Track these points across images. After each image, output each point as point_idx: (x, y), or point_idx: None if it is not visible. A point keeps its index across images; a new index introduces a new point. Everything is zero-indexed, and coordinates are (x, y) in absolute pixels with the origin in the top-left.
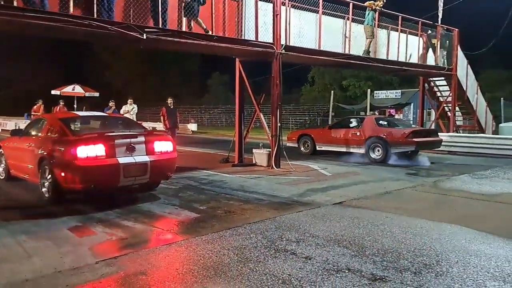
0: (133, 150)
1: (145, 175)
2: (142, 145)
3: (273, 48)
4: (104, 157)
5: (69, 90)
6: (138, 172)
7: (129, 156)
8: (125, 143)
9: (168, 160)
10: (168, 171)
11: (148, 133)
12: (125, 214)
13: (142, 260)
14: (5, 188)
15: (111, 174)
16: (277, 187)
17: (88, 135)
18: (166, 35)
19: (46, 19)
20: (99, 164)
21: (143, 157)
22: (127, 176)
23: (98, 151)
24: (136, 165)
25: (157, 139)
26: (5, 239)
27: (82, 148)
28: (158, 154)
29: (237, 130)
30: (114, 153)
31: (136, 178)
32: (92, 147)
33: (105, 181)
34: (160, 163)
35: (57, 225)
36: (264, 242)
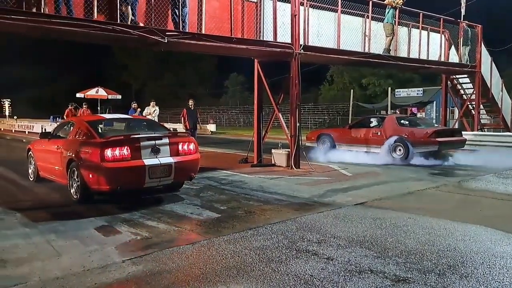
0: (158, 152)
1: (170, 176)
2: (166, 146)
3: (292, 48)
4: (130, 158)
5: (93, 93)
6: (163, 173)
7: (154, 158)
8: (150, 145)
9: (192, 161)
10: (192, 172)
11: (172, 135)
12: (149, 214)
13: (166, 259)
14: (34, 189)
15: (137, 176)
16: (297, 188)
17: (115, 138)
18: (186, 38)
19: (72, 25)
20: (126, 165)
21: (168, 158)
22: (152, 177)
23: (125, 153)
24: (161, 167)
25: (180, 140)
26: (35, 238)
27: (109, 150)
28: (182, 155)
29: (256, 130)
30: (140, 155)
31: (161, 179)
32: (118, 149)
33: (131, 182)
34: (184, 164)
35: (84, 224)
36: (286, 243)
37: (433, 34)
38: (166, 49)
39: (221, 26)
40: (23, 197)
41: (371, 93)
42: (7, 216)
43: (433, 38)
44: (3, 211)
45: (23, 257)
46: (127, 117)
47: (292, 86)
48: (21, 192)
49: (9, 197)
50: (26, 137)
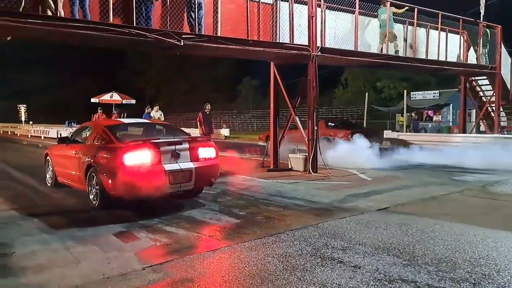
0: (178, 157)
1: (190, 181)
2: (186, 151)
3: (309, 51)
4: (150, 164)
5: (108, 97)
6: (183, 178)
7: (174, 163)
8: (170, 149)
9: (212, 166)
10: (212, 177)
11: (192, 140)
12: (167, 220)
13: (187, 267)
14: (52, 194)
15: (158, 181)
16: (316, 193)
17: (135, 142)
18: (203, 40)
19: (87, 28)
20: (146, 171)
21: (188, 163)
22: (173, 183)
23: (145, 158)
24: (181, 172)
25: (200, 145)
26: (54, 245)
27: (129, 155)
28: (202, 160)
29: (272, 135)
30: (160, 160)
31: (181, 184)
32: (138, 154)
33: (151, 188)
34: (204, 170)
35: (102, 230)
36: (309, 250)
37: (452, 35)
38: (182, 53)
39: (236, 29)
40: (41, 203)
41: (386, 96)
42: (25, 222)
43: (451, 39)
44: (21, 217)
45: (42, 264)
46: (145, 122)
47: (309, 89)
48: (39, 197)
49: (27, 202)
50: (42, 142)
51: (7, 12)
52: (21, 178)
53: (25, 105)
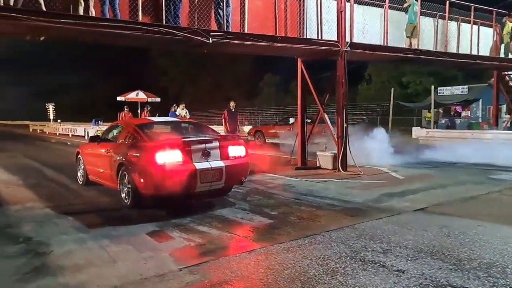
0: (208, 155)
1: (221, 180)
2: (216, 150)
3: (338, 46)
4: (181, 162)
5: (133, 96)
6: (214, 177)
7: (205, 162)
8: (200, 148)
9: (242, 164)
10: (242, 176)
11: (222, 138)
12: (199, 219)
13: (224, 269)
14: (84, 192)
15: (189, 180)
16: (348, 192)
17: (166, 141)
18: (231, 38)
19: (118, 27)
20: (177, 169)
21: (218, 162)
22: (204, 181)
23: (176, 157)
24: (212, 171)
25: (230, 143)
26: (90, 243)
27: (160, 154)
28: (232, 159)
29: (300, 132)
30: (191, 158)
31: (212, 183)
32: (169, 152)
33: (183, 186)
34: (234, 168)
35: (135, 229)
36: (348, 252)
37: (484, 28)
38: (210, 51)
39: (264, 25)
40: (74, 201)
41: (412, 91)
42: (60, 220)
43: (484, 33)
44: (56, 215)
45: (80, 263)
46: (175, 120)
47: (338, 85)
48: (72, 195)
49: (61, 200)
50: (70, 140)
51: (41, 12)
52: (53, 176)
53: (53, 104)
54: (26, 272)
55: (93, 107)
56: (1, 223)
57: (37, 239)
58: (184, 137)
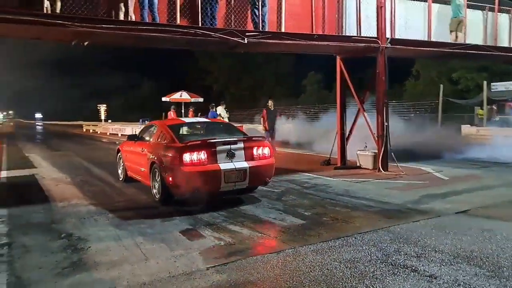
0: (233, 156)
1: (244, 181)
2: (241, 151)
3: (378, 43)
4: (207, 163)
5: (177, 96)
6: (237, 178)
7: (229, 162)
8: (225, 149)
9: (266, 166)
10: (266, 176)
11: (247, 139)
12: (231, 218)
13: (251, 269)
14: (125, 190)
15: (213, 180)
16: (387, 193)
17: (193, 142)
18: (266, 37)
19: (157, 31)
20: (203, 170)
21: (243, 163)
22: (228, 181)
23: (202, 158)
24: (236, 171)
25: (255, 145)
26: (126, 241)
27: (187, 154)
28: (256, 160)
29: (339, 131)
30: (216, 159)
31: (236, 183)
32: (196, 153)
33: (208, 186)
34: (258, 169)
35: (169, 227)
36: (379, 256)
37: None
38: (246, 51)
39: (301, 24)
40: (116, 199)
41: (462, 87)
42: (100, 217)
43: None
44: (97, 212)
45: (114, 260)
46: (205, 121)
47: (378, 83)
48: (115, 193)
49: (104, 198)
50: (119, 139)
51: (84, 18)
52: (99, 175)
53: (104, 105)
54: (65, 266)
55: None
56: (47, 219)
57: (77, 235)
58: (210, 138)
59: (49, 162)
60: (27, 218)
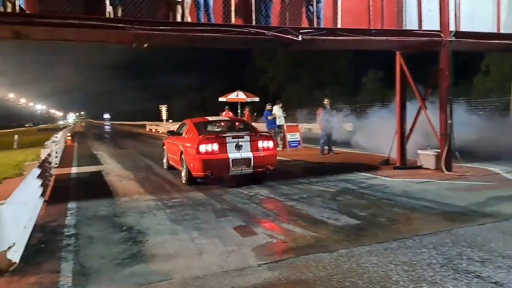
0: (240, 148)
1: (249, 167)
2: (247, 143)
3: (441, 36)
4: (218, 152)
5: (234, 96)
6: (243, 164)
7: (237, 152)
8: (234, 142)
9: (269, 156)
10: (268, 164)
11: (253, 135)
12: (284, 216)
13: (303, 267)
14: (183, 187)
15: (223, 166)
16: (450, 194)
17: (208, 136)
18: (321, 34)
19: (213, 31)
20: (214, 158)
21: (248, 153)
22: (235, 167)
23: (214, 148)
24: (242, 160)
25: (260, 139)
26: (181, 235)
27: (203, 146)
28: (260, 151)
29: (399, 129)
30: (226, 150)
31: (242, 169)
32: (210, 145)
33: (219, 170)
34: (261, 159)
35: (223, 223)
36: (440, 259)
37: None
38: (301, 48)
39: (358, 19)
40: (174, 195)
41: None
42: (159, 212)
43: None
44: (156, 207)
45: (170, 253)
46: (225, 119)
47: (441, 78)
48: (173, 190)
49: (163, 194)
50: None
51: (143, 21)
52: (159, 172)
53: (166, 105)
54: (124, 258)
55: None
56: (110, 213)
57: (137, 228)
58: (223, 134)
59: (114, 159)
60: (93, 211)
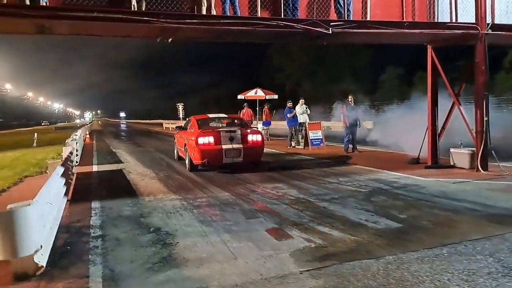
0: (233, 140)
1: (240, 157)
2: (239, 136)
3: (477, 29)
4: (213, 144)
5: (252, 94)
6: (235, 154)
7: (229, 144)
8: (227, 135)
9: (257, 147)
10: (257, 155)
11: (244, 129)
12: (318, 218)
13: (349, 275)
14: (204, 184)
15: (218, 155)
16: (490, 195)
17: (205, 130)
18: (352, 27)
19: (239, 24)
20: (210, 148)
21: (239, 145)
22: (228, 157)
23: (210, 141)
24: (233, 150)
25: (249, 133)
26: (212, 237)
27: (201, 138)
28: (249, 143)
29: (430, 126)
30: (220, 142)
31: (233, 158)
32: (207, 138)
33: (214, 159)
34: (250, 150)
35: (254, 225)
36: (499, 268)
37: None
38: (329, 42)
39: (388, 12)
40: (199, 194)
41: None
42: (186, 213)
43: None
44: (182, 207)
45: (202, 257)
46: (223, 116)
47: (477, 73)
48: (197, 189)
49: (187, 193)
50: None
51: (168, 14)
52: (180, 170)
53: (182, 104)
54: (155, 262)
55: (217, 105)
56: (136, 213)
57: (165, 229)
58: (218, 128)
59: (134, 157)
60: (118, 211)
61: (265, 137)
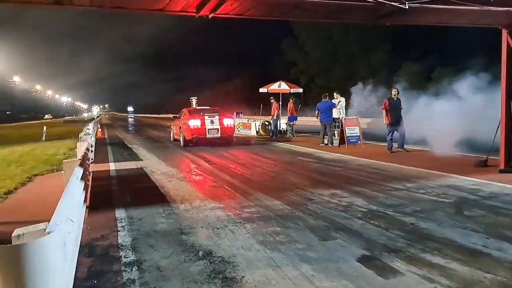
0: (213, 122)
1: (218, 133)
2: (217, 120)
3: None
4: (200, 125)
5: (276, 87)
6: (215, 132)
7: (211, 125)
8: (210, 119)
9: (230, 128)
10: (229, 133)
11: (221, 115)
12: (416, 241)
13: None
14: (251, 192)
15: (202, 132)
16: None
17: (194, 116)
18: (430, 1)
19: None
20: (198, 128)
21: (217, 125)
22: (210, 134)
23: (198, 123)
24: (213, 129)
25: (225, 117)
26: (287, 269)
27: (191, 121)
28: (225, 124)
29: (504, 123)
30: (204, 124)
31: (214, 135)
32: (195, 121)
33: (200, 135)
34: (225, 129)
35: (336, 250)
36: None
37: None
38: (394, 22)
39: None
40: (243, 203)
41: None
42: (236, 229)
43: None
44: (229, 220)
45: None
46: (206, 108)
47: None
48: (238, 193)
49: (227, 200)
50: None
51: None
52: (210, 169)
53: (196, 98)
54: None
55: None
56: (173, 227)
57: (219, 254)
58: (203, 115)
59: (153, 154)
60: (150, 224)
61: (290, 134)
